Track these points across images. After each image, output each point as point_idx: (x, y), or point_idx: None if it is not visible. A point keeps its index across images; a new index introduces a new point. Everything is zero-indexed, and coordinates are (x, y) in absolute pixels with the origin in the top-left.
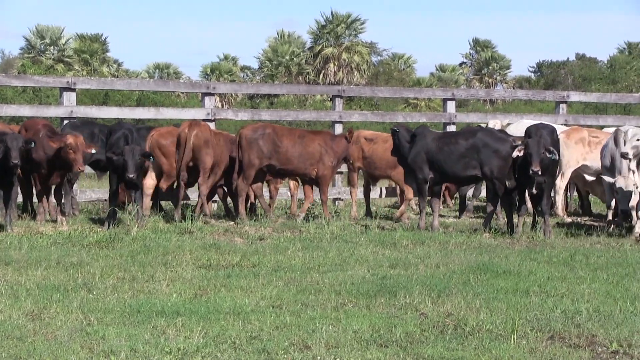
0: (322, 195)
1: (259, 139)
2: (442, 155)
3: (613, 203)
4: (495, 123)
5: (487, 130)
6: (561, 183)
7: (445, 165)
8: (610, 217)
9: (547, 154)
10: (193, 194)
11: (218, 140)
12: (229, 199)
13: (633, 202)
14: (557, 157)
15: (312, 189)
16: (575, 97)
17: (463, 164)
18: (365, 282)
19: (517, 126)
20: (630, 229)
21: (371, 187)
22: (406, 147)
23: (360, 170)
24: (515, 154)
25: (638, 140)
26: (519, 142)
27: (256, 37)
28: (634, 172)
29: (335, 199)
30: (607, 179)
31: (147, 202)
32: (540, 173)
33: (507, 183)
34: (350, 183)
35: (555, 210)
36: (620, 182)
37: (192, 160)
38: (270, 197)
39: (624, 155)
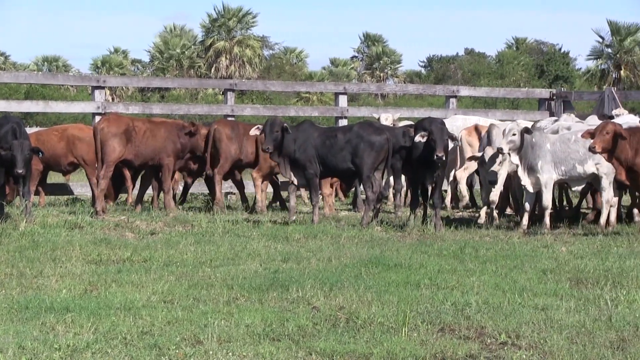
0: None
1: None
2: (324, 149)
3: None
4: (386, 117)
5: (364, 123)
6: (463, 174)
7: (327, 159)
8: (484, 213)
9: (451, 140)
10: (79, 189)
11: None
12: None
13: (494, 196)
14: (459, 143)
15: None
16: (465, 91)
17: (341, 157)
18: (258, 276)
19: (450, 122)
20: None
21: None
22: (289, 140)
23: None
24: (417, 139)
25: (514, 135)
26: (412, 132)
27: (147, 30)
28: (517, 166)
29: (227, 193)
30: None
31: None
32: (444, 158)
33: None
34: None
35: (461, 200)
36: (488, 152)
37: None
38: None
39: (500, 150)
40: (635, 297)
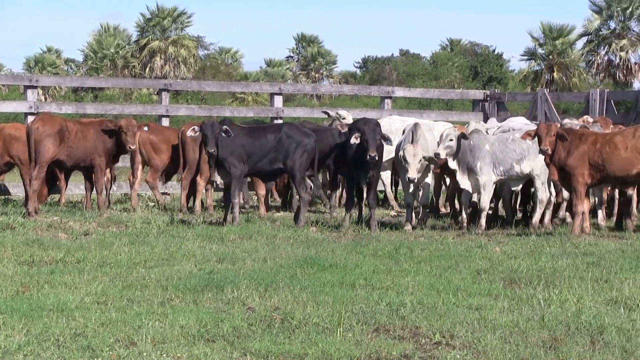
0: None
1: None
2: (253, 148)
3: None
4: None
5: (292, 124)
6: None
7: (255, 159)
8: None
9: (383, 140)
10: (14, 188)
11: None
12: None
13: (412, 174)
14: (392, 144)
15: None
16: (399, 92)
17: (271, 157)
18: (193, 276)
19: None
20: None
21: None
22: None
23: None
24: (353, 141)
25: (451, 140)
26: (349, 132)
27: (81, 29)
28: (456, 171)
29: (162, 193)
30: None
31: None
32: (377, 158)
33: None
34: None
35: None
36: (408, 150)
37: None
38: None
39: (437, 156)
40: (568, 297)
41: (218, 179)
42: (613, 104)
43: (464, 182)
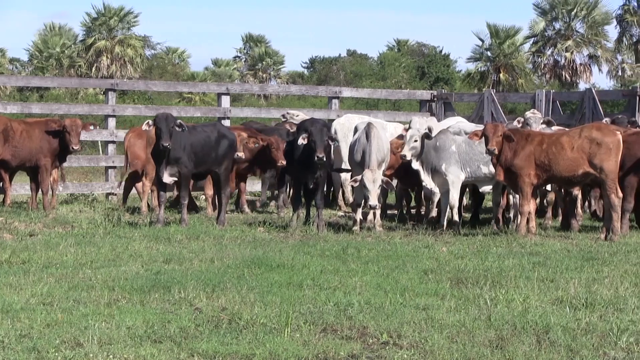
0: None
1: None
2: (199, 148)
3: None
4: (296, 115)
5: (218, 124)
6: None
7: (199, 158)
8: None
9: (330, 141)
10: None
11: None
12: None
13: (373, 200)
14: (339, 144)
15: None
16: (347, 92)
17: (213, 156)
18: (139, 277)
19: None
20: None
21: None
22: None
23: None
24: (300, 141)
25: (416, 141)
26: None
27: (25, 28)
28: (419, 172)
29: (108, 194)
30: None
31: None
32: (324, 159)
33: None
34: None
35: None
36: (367, 176)
37: None
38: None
39: (403, 158)
40: (514, 297)
41: (167, 179)
42: (559, 105)
43: (429, 182)
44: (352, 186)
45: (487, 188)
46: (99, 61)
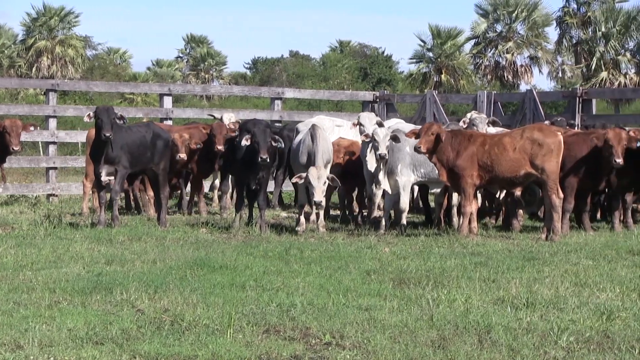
0: None
1: None
2: (135, 147)
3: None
4: (229, 117)
5: (152, 123)
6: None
7: (135, 158)
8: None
9: (273, 143)
10: None
11: None
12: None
13: (318, 197)
14: (283, 145)
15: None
16: (290, 93)
17: (148, 155)
18: (81, 279)
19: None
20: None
21: None
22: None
23: None
24: (243, 143)
25: (389, 141)
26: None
27: None
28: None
29: (49, 195)
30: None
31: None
32: (268, 160)
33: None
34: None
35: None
36: (312, 172)
37: None
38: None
39: (382, 157)
40: (456, 297)
41: (104, 177)
42: (500, 106)
43: (384, 183)
44: (294, 185)
45: (438, 189)
46: (40, 61)
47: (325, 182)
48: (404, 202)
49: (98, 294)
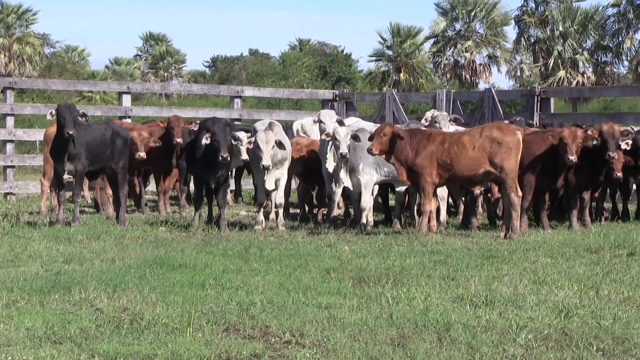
0: None
1: None
2: (94, 145)
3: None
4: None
5: (110, 121)
6: None
7: (95, 156)
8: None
9: (234, 141)
10: None
11: None
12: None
13: (266, 161)
14: (242, 144)
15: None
16: (249, 92)
17: (108, 154)
18: (39, 278)
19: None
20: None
21: None
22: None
23: None
24: (203, 141)
25: (350, 140)
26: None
27: None
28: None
29: (6, 194)
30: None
31: None
32: (229, 159)
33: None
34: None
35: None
36: (261, 136)
37: None
38: None
39: (344, 156)
40: (415, 295)
41: (66, 175)
42: (459, 104)
43: (347, 181)
44: (255, 185)
45: (403, 188)
46: None
47: (273, 147)
48: (365, 200)
49: (56, 293)
